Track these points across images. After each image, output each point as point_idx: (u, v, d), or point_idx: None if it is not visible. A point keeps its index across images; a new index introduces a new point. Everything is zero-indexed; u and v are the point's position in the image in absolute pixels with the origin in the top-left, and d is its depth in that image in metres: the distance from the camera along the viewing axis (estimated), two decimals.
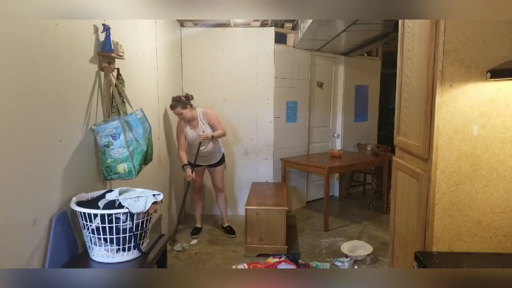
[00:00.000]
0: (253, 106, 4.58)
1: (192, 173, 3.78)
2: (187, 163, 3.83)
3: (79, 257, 1.90)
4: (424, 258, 1.71)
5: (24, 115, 1.57)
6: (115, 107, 2.27)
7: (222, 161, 4.05)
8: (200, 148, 3.79)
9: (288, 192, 4.36)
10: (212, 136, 3.80)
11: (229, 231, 4.10)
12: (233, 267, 3.30)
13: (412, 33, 2.03)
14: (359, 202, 5.40)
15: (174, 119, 4.17)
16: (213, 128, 3.84)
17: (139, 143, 2.12)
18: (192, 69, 4.54)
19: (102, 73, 2.24)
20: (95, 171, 2.17)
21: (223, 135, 3.94)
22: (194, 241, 3.89)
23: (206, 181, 4.62)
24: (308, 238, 4.00)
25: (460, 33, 1.65)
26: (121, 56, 2.39)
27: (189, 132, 3.82)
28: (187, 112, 3.71)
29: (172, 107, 3.69)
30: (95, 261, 1.84)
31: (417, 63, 1.95)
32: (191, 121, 3.81)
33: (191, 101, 3.79)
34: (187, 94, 3.85)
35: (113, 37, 2.25)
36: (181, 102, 3.67)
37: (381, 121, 6.81)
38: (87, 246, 1.86)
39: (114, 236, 1.78)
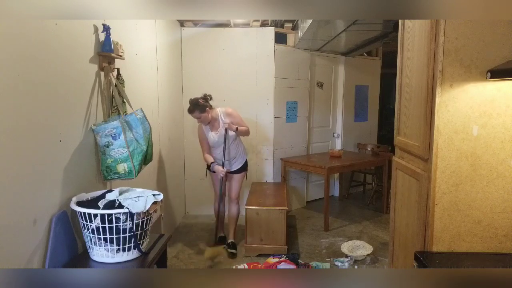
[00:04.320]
0: (253, 106, 4.58)
1: (223, 167, 3.50)
2: (213, 161, 3.52)
3: (79, 257, 1.90)
4: (424, 258, 1.71)
5: (24, 114, 1.57)
6: (115, 107, 2.27)
7: (242, 169, 3.72)
8: (225, 146, 3.50)
9: (288, 192, 4.36)
10: (237, 129, 3.50)
11: (231, 246, 3.63)
12: (233, 267, 3.30)
13: (412, 33, 2.03)
14: (359, 202, 5.40)
15: (174, 119, 4.17)
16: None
17: (139, 143, 2.12)
18: (192, 69, 4.54)
19: (102, 73, 2.23)
20: (95, 171, 2.17)
21: (248, 132, 3.64)
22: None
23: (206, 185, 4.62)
24: (308, 238, 4.00)
25: (460, 33, 1.65)
26: (121, 56, 2.39)
27: (211, 135, 3.52)
28: (206, 116, 3.40)
29: (190, 111, 3.39)
30: (95, 261, 1.84)
31: (417, 63, 1.95)
32: (211, 123, 3.51)
33: (209, 102, 3.47)
34: (205, 94, 3.48)
35: (113, 37, 2.25)
36: (199, 106, 3.36)
37: (381, 121, 6.81)
38: (87, 246, 1.86)
39: (114, 236, 1.78)
